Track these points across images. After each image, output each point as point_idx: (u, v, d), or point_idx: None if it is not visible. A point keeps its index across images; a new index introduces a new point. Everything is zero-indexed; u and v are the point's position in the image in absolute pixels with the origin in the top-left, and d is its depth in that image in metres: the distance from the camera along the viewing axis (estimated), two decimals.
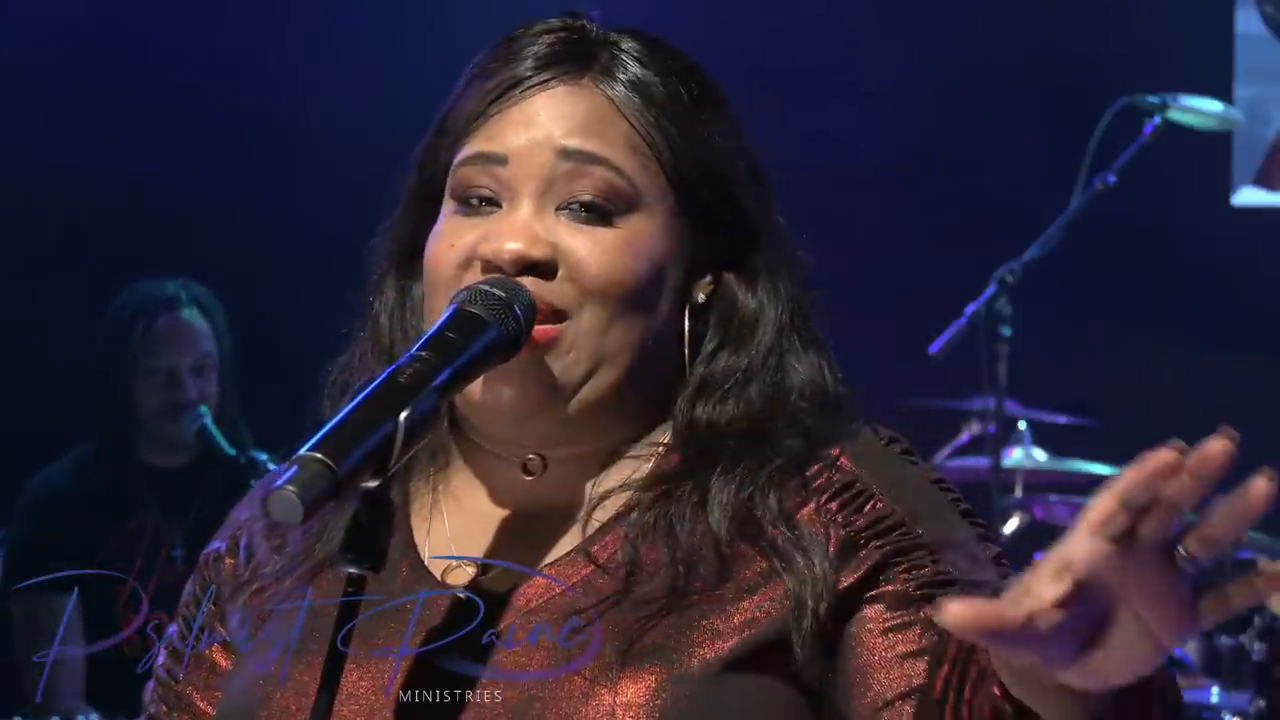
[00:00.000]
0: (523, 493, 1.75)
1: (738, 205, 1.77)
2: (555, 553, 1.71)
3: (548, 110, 1.72)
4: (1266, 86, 6.51)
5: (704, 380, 1.75)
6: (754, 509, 1.68)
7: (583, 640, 1.63)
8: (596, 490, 1.73)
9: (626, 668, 1.60)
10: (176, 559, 4.74)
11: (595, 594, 1.65)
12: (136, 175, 5.84)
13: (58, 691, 4.54)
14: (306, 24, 6.12)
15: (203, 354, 4.85)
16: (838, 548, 1.65)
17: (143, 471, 4.84)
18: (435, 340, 1.61)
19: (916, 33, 6.28)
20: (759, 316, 1.77)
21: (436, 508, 1.78)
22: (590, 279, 1.69)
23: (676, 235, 1.74)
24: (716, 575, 1.65)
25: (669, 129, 1.73)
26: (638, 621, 1.62)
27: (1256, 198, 6.53)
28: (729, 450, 1.71)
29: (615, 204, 1.71)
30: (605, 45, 1.76)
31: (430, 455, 1.79)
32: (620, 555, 1.67)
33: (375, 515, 1.51)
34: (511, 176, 1.71)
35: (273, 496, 1.44)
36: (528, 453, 1.74)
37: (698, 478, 1.70)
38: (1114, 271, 6.21)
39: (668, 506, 1.69)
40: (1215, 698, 5.15)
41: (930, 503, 1.71)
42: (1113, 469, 5.32)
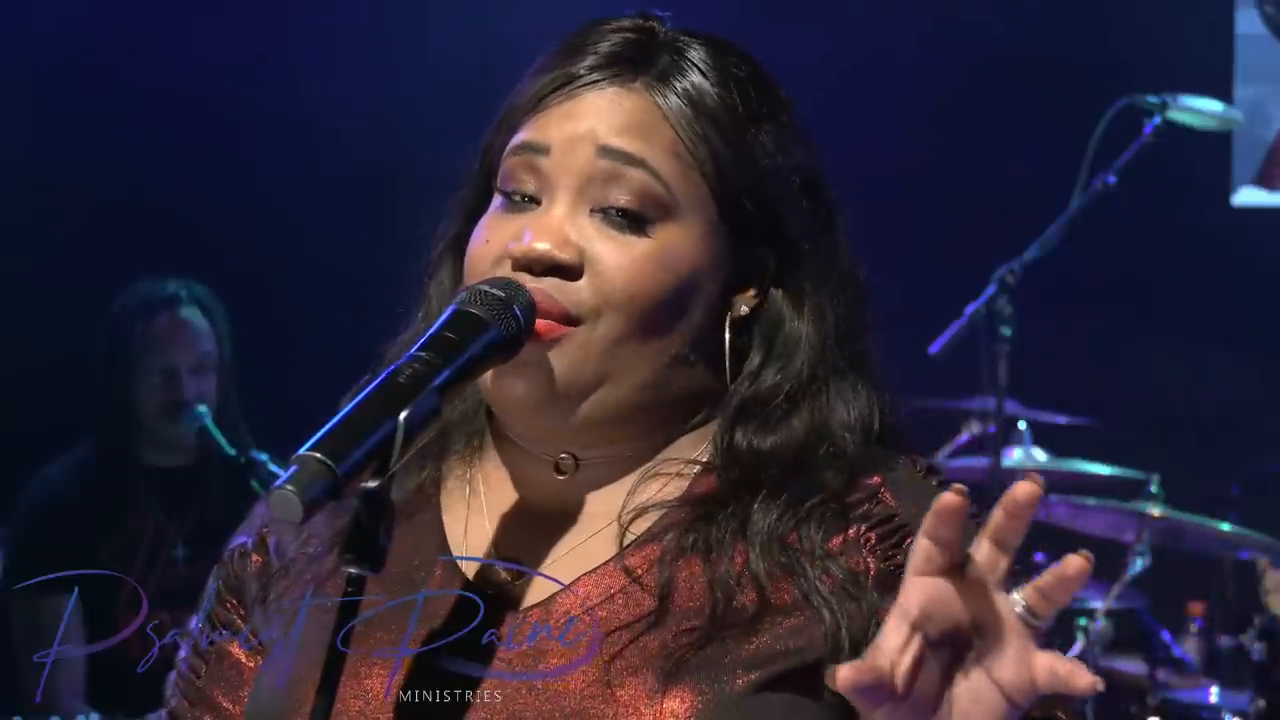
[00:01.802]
0: (555, 492, 1.74)
1: (783, 222, 1.74)
2: (591, 563, 1.69)
3: (594, 108, 1.71)
4: (1266, 86, 6.51)
5: (745, 404, 1.73)
6: (794, 543, 1.66)
7: (622, 657, 1.62)
8: (632, 502, 1.71)
9: (668, 690, 1.59)
10: (177, 559, 4.74)
11: (631, 610, 1.65)
12: (137, 174, 5.84)
13: (58, 691, 4.54)
14: (308, 23, 6.12)
15: (202, 353, 4.84)
16: (876, 579, 1.65)
17: (143, 472, 4.84)
18: (435, 340, 1.61)
19: (916, 33, 6.28)
20: (804, 338, 1.74)
21: (474, 497, 1.77)
22: (614, 289, 1.67)
23: (716, 248, 1.72)
24: (754, 605, 1.64)
25: (715, 141, 1.71)
26: (677, 645, 1.61)
27: (1256, 198, 6.53)
28: (771, 479, 1.69)
29: (651, 211, 1.69)
30: (669, 50, 1.74)
31: (466, 439, 1.78)
32: (656, 573, 1.66)
33: (375, 515, 1.51)
34: (551, 168, 1.70)
35: (272, 496, 1.44)
36: (559, 451, 1.73)
37: (737, 504, 1.69)
38: (1114, 271, 6.21)
39: (706, 531, 1.68)
40: (1215, 698, 5.16)
41: (969, 541, 1.70)
42: (1113, 469, 5.33)
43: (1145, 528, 5.02)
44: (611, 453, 1.73)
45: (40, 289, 5.74)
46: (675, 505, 1.71)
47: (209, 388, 4.82)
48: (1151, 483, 5.09)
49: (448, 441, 1.77)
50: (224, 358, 4.88)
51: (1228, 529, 5.14)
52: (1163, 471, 5.15)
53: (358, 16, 6.22)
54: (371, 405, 1.53)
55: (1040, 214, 5.05)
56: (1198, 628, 5.65)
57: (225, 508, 4.76)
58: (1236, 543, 5.27)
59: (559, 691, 1.62)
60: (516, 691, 1.63)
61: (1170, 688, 5.22)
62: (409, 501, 1.76)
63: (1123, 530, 5.16)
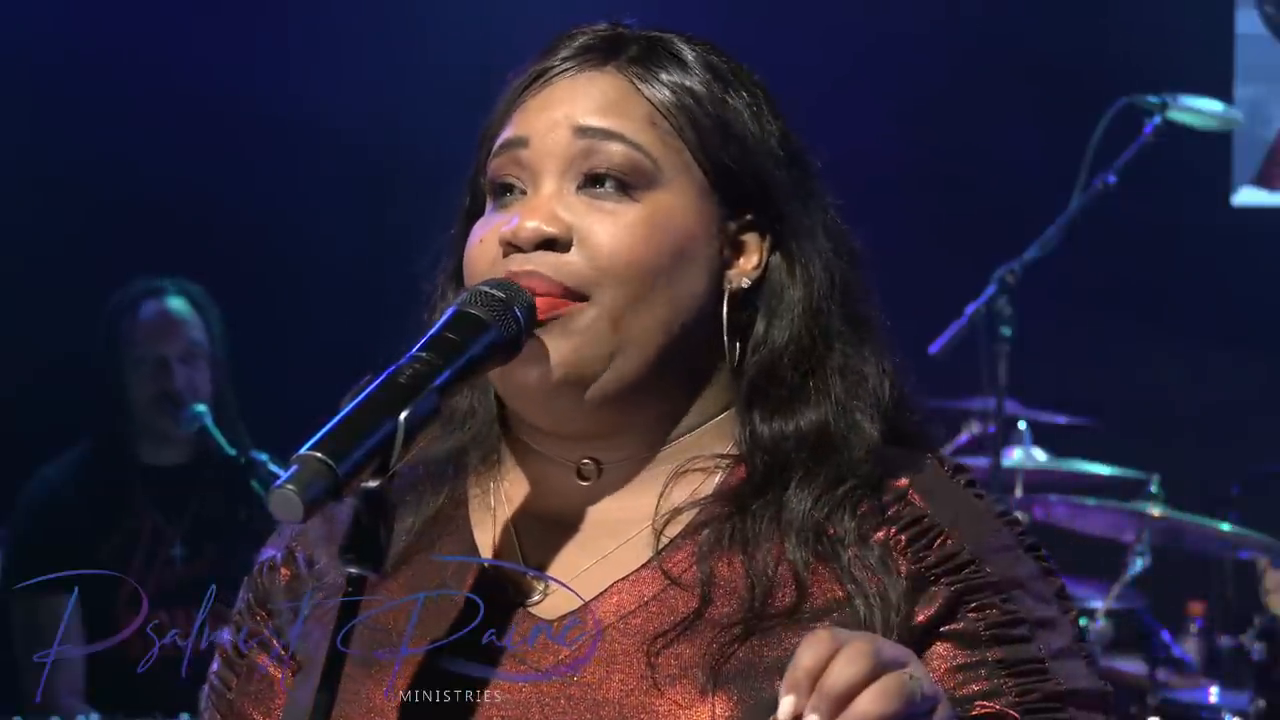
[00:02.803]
0: (581, 499, 1.73)
1: (772, 187, 1.74)
2: (626, 567, 1.69)
3: (568, 93, 1.72)
4: (1266, 86, 6.51)
5: (755, 383, 1.72)
6: (829, 529, 1.66)
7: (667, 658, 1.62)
8: (664, 503, 1.70)
9: (708, 696, 1.59)
10: (174, 559, 4.74)
11: (669, 614, 1.64)
12: (136, 174, 5.84)
13: (58, 691, 4.54)
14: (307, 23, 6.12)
15: (190, 341, 4.83)
16: (908, 581, 1.65)
17: (141, 471, 4.83)
18: (435, 341, 1.60)
19: (916, 33, 6.28)
20: (805, 304, 1.73)
21: (499, 512, 1.76)
22: (607, 256, 1.67)
23: (707, 214, 1.72)
24: (794, 598, 1.64)
25: (692, 108, 1.72)
26: (720, 644, 1.61)
27: (1256, 198, 6.53)
28: (802, 462, 1.69)
29: (636, 180, 1.69)
30: (637, 40, 1.76)
31: (483, 457, 1.77)
32: (695, 572, 1.66)
33: (375, 515, 1.51)
34: (532, 157, 1.71)
35: (273, 496, 1.44)
36: (580, 456, 1.72)
37: (770, 494, 1.68)
38: (1114, 271, 6.22)
39: (743, 523, 1.67)
40: (1215, 698, 5.16)
41: (998, 539, 1.70)
42: (1113, 469, 5.33)
43: (1145, 528, 5.02)
44: (631, 451, 1.72)
45: (40, 289, 5.74)
46: (708, 502, 1.70)
47: (202, 380, 4.81)
48: (1151, 483, 5.09)
49: (465, 461, 1.76)
50: (216, 353, 4.86)
51: (1228, 529, 5.14)
52: (1163, 471, 5.15)
53: (357, 16, 6.22)
54: (372, 405, 1.52)
55: (1040, 214, 5.05)
56: (1198, 628, 5.65)
57: (223, 507, 4.77)
58: (1236, 543, 5.27)
59: (598, 700, 1.62)
60: (554, 700, 1.63)
61: (1170, 688, 5.22)
62: (433, 522, 1.75)
63: (1123, 530, 5.16)
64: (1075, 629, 1.72)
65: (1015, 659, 1.65)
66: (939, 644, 1.65)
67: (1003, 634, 1.65)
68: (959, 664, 1.64)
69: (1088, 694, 1.68)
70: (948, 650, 1.65)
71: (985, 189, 6.09)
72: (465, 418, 1.77)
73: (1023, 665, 1.65)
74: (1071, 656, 1.69)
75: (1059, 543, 5.48)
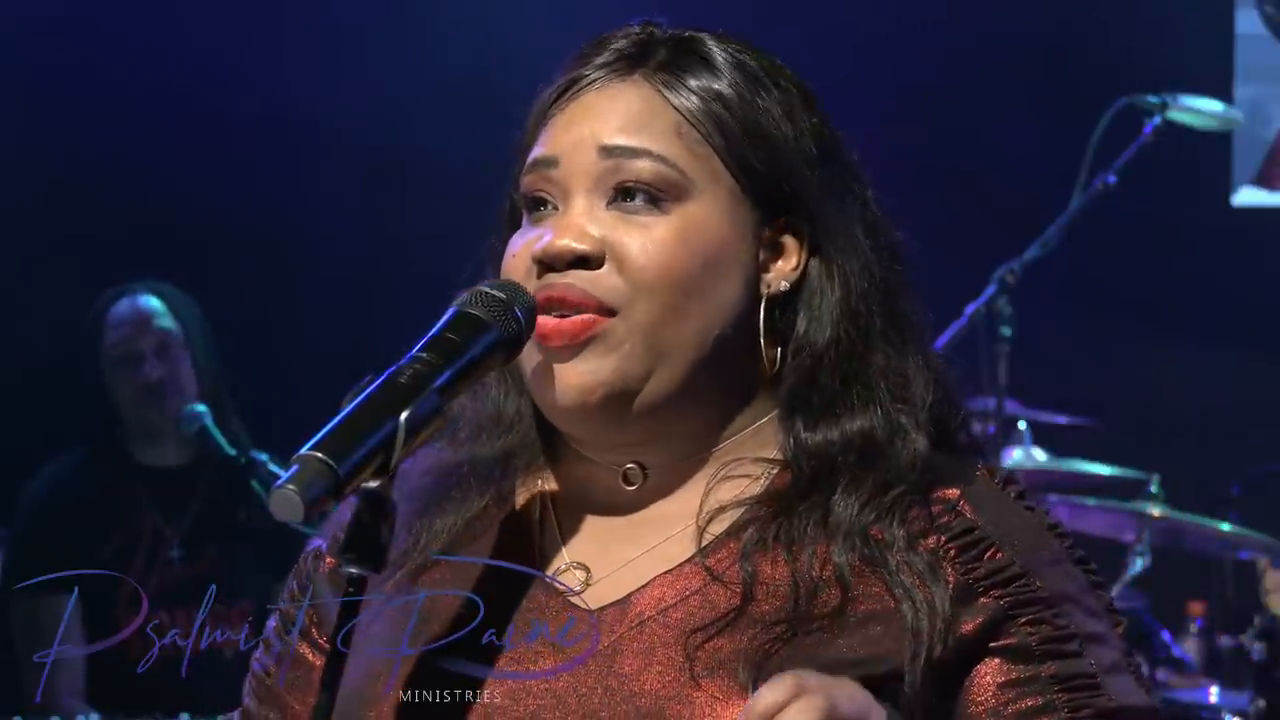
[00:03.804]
0: (627, 501, 1.73)
1: (805, 187, 1.73)
2: (669, 563, 1.68)
3: (594, 108, 1.71)
4: (1266, 86, 6.51)
5: (796, 388, 1.71)
6: (877, 534, 1.65)
7: (707, 652, 1.61)
8: (709, 503, 1.70)
9: (746, 694, 1.57)
10: (174, 559, 4.74)
11: (709, 609, 1.64)
12: (135, 175, 5.84)
13: (58, 691, 4.54)
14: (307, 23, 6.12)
15: (163, 331, 4.81)
16: (956, 591, 1.63)
17: (140, 472, 4.83)
18: (436, 341, 1.61)
19: (916, 32, 6.28)
20: (844, 306, 1.72)
21: (545, 515, 1.75)
22: (639, 270, 1.66)
23: (740, 220, 1.71)
24: (838, 601, 1.63)
25: (721, 114, 1.71)
26: (764, 643, 1.60)
27: (1256, 198, 6.53)
28: (849, 467, 1.68)
29: (665, 193, 1.68)
30: (666, 43, 1.75)
31: (529, 461, 1.77)
32: (739, 569, 1.65)
33: (376, 515, 1.51)
34: (562, 176, 1.70)
35: (273, 496, 1.44)
36: (625, 461, 1.72)
37: (818, 496, 1.67)
38: (1114, 271, 6.21)
39: (788, 524, 1.66)
40: (1215, 698, 5.16)
41: (1048, 553, 1.69)
42: (1113, 469, 5.33)
43: (1145, 528, 5.02)
44: (675, 456, 1.72)
45: (40, 289, 5.73)
46: (753, 503, 1.69)
47: (183, 372, 4.79)
48: (1151, 483, 5.09)
49: (513, 463, 1.76)
50: (194, 344, 4.83)
51: (1228, 529, 5.14)
52: (1163, 471, 5.15)
53: (358, 16, 6.21)
54: (372, 405, 1.53)
55: (1040, 214, 5.05)
56: (1198, 628, 5.65)
57: (223, 508, 4.77)
58: (1236, 543, 5.27)
59: (635, 691, 1.61)
60: (590, 690, 1.62)
61: (1170, 688, 5.22)
62: (477, 520, 1.75)
63: (1123, 530, 5.16)
64: (1124, 643, 1.72)
65: (1068, 674, 1.65)
66: (989, 659, 1.64)
67: (1055, 649, 1.64)
68: (1012, 679, 1.64)
69: (1139, 710, 1.68)
70: (999, 665, 1.64)
71: (985, 189, 6.08)
72: (514, 421, 1.77)
73: (1075, 680, 1.65)
74: (1122, 672, 1.69)
75: None
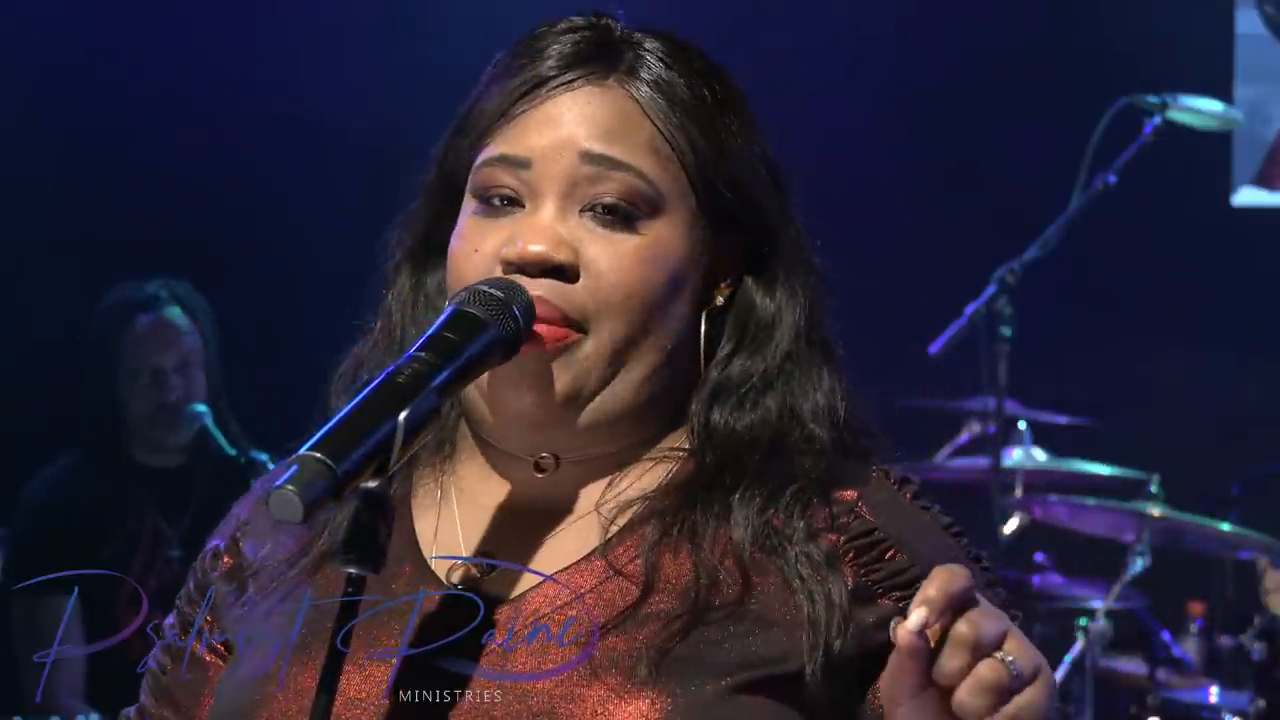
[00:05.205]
0: (535, 491, 1.73)
1: (758, 208, 1.75)
2: (569, 557, 1.69)
3: (572, 112, 1.71)
4: (1266, 86, 6.51)
5: (719, 384, 1.74)
6: (778, 523, 1.67)
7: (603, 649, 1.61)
8: (613, 495, 1.71)
9: (648, 683, 1.58)
10: (174, 559, 4.74)
11: (609, 603, 1.64)
12: (136, 174, 5.84)
13: (58, 691, 4.54)
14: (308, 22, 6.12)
15: (187, 351, 4.83)
16: (854, 590, 1.65)
17: (140, 472, 4.83)
18: (434, 340, 1.60)
19: (916, 33, 6.28)
20: (776, 321, 1.75)
21: (445, 500, 1.76)
22: (610, 289, 1.67)
23: (698, 239, 1.73)
24: (738, 594, 1.64)
25: (692, 131, 1.72)
26: (660, 636, 1.61)
27: (1256, 198, 6.53)
28: (753, 463, 1.70)
29: (639, 208, 1.69)
30: (629, 45, 1.74)
31: (437, 446, 1.77)
32: (640, 563, 1.66)
33: (375, 515, 1.51)
34: (534, 179, 1.70)
35: (273, 496, 1.44)
36: (540, 451, 1.72)
37: (720, 489, 1.69)
38: (1114, 271, 6.21)
39: (690, 516, 1.68)
40: (1215, 698, 5.16)
41: (946, 553, 1.69)
42: (1113, 469, 5.33)
43: (1145, 528, 5.02)
44: (595, 452, 1.73)
45: (40, 288, 5.73)
46: (656, 494, 1.70)
47: (197, 386, 4.81)
48: (1151, 483, 5.08)
49: (418, 452, 1.74)
50: (210, 357, 4.86)
51: (1228, 529, 5.14)
52: (1163, 471, 5.15)
53: (358, 16, 6.22)
54: (371, 406, 1.53)
55: (1040, 214, 5.05)
56: (1198, 628, 5.64)
57: (223, 508, 4.76)
58: (1236, 543, 5.27)
59: (528, 690, 1.61)
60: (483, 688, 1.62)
61: (1170, 688, 5.21)
62: None
63: (1123, 530, 5.16)
64: None
65: None
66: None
67: None
68: None
69: None
70: None
71: (985, 189, 6.08)
72: None
73: None
74: None
75: (1059, 543, 5.49)
